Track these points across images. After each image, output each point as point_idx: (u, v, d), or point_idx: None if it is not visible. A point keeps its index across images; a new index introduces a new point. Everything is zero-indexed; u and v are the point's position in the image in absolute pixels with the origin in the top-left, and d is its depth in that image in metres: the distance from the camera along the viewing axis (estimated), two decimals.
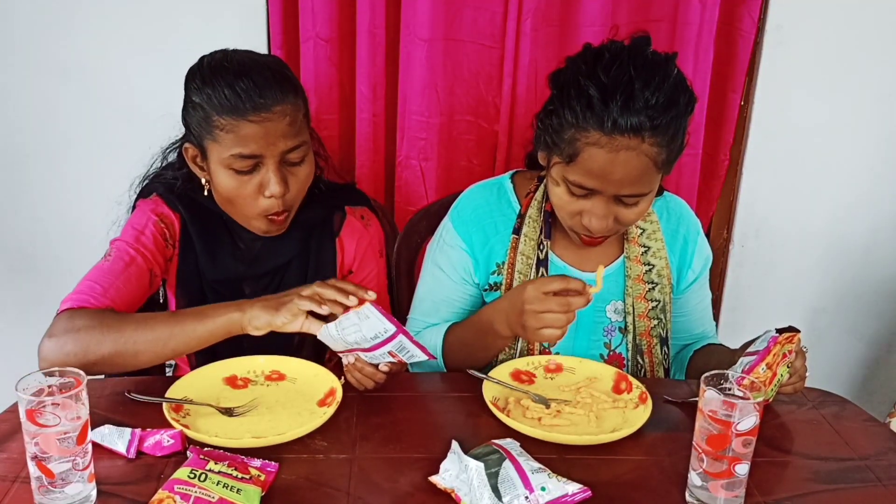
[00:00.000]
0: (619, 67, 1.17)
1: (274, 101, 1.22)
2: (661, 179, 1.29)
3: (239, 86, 1.21)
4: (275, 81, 1.23)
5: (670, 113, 1.17)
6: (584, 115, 1.19)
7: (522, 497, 0.95)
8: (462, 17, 1.79)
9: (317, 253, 1.41)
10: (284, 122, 1.23)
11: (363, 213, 1.49)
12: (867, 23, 1.89)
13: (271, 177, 1.25)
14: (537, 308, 1.18)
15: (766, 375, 1.15)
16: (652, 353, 1.43)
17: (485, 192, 1.46)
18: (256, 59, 1.28)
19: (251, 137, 1.22)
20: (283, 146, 1.24)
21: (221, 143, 1.24)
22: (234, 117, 1.21)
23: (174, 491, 0.93)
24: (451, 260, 1.43)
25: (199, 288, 1.38)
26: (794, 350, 1.19)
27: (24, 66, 1.86)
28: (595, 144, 1.19)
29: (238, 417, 1.16)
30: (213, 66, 1.25)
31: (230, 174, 1.25)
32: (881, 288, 2.14)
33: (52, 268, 1.98)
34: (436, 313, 1.45)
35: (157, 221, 1.34)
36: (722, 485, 0.98)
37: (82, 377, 0.94)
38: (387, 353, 1.14)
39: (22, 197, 1.98)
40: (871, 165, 2.02)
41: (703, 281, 1.51)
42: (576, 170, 1.23)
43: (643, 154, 1.19)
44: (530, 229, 1.40)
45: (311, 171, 1.32)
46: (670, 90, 1.18)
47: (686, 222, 1.47)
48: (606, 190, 1.23)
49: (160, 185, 1.38)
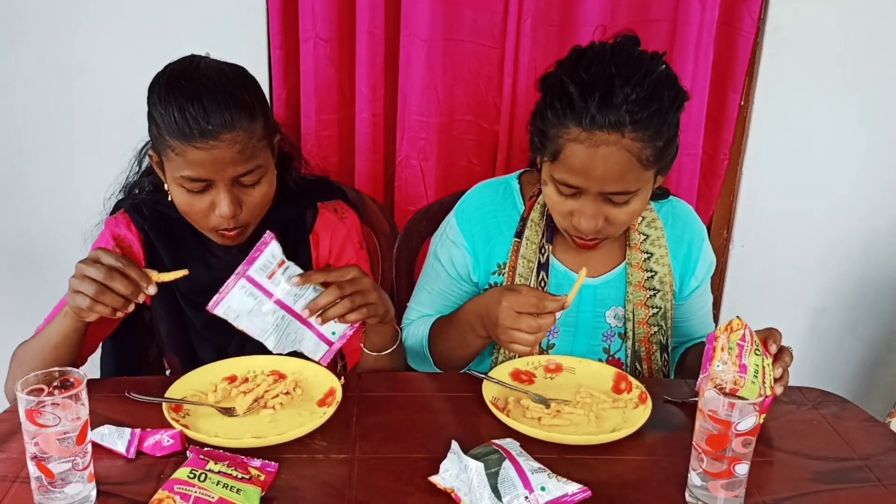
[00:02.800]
0: (600, 65, 1.19)
1: (223, 129, 1.18)
2: (656, 180, 1.28)
3: (189, 111, 1.18)
4: (226, 107, 1.19)
5: (651, 108, 1.17)
6: (565, 112, 1.20)
7: (522, 497, 0.95)
8: (462, 17, 1.79)
9: (292, 253, 1.40)
10: (234, 150, 1.20)
11: (336, 207, 1.47)
12: (867, 23, 1.89)
13: (222, 198, 1.23)
14: (509, 325, 1.21)
15: (731, 371, 1.09)
16: (651, 359, 1.42)
17: (491, 191, 1.45)
18: (214, 78, 1.22)
19: (198, 163, 1.20)
20: (232, 172, 1.22)
21: (172, 163, 1.22)
22: (182, 142, 1.19)
23: (174, 491, 0.93)
24: (450, 255, 1.43)
25: (173, 300, 1.37)
26: (764, 339, 1.16)
27: (24, 65, 1.86)
28: (575, 140, 1.20)
29: (238, 417, 1.16)
30: (169, 83, 1.22)
31: (183, 191, 1.25)
32: (881, 288, 2.14)
33: (51, 268, 1.98)
34: (431, 305, 1.46)
35: (114, 248, 1.33)
36: (722, 485, 0.98)
37: (82, 377, 0.94)
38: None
39: (22, 197, 1.98)
40: (871, 165, 2.02)
41: (705, 287, 1.50)
42: (559, 167, 1.23)
43: (624, 149, 1.18)
44: (532, 232, 1.40)
45: (268, 191, 1.30)
46: (652, 85, 1.18)
47: (691, 228, 1.46)
48: (590, 187, 1.22)
49: (127, 202, 1.38)
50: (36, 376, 0.94)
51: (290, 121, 1.88)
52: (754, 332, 1.16)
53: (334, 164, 1.90)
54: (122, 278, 1.15)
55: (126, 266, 1.16)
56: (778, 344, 1.18)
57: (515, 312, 1.20)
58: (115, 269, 1.15)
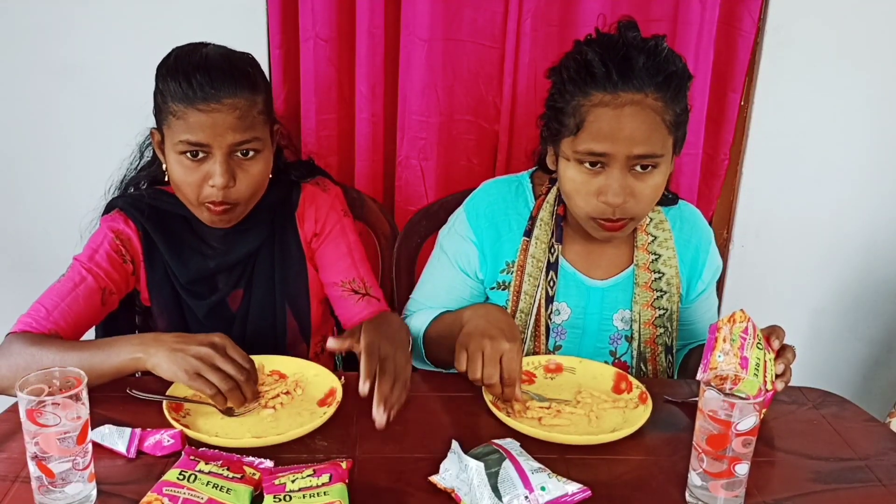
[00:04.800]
0: (611, 40, 1.24)
1: (225, 94, 1.23)
2: (672, 160, 1.29)
3: (195, 77, 1.23)
4: (231, 76, 1.25)
5: (668, 70, 1.22)
6: (586, 80, 1.23)
7: (522, 497, 0.95)
8: (462, 17, 1.79)
9: (281, 235, 1.43)
10: (233, 116, 1.24)
11: (318, 181, 1.50)
12: (867, 23, 1.89)
13: (217, 168, 1.25)
14: (486, 352, 1.15)
15: (732, 362, 1.09)
16: (656, 360, 1.42)
17: (502, 189, 1.45)
18: (224, 53, 1.29)
19: (198, 126, 1.24)
20: (231, 139, 1.25)
21: (173, 129, 1.26)
22: (184, 105, 1.23)
23: (162, 493, 0.93)
24: (457, 249, 1.43)
25: (172, 292, 1.39)
26: (767, 335, 1.16)
27: (23, 65, 1.86)
28: (600, 105, 1.22)
29: (238, 417, 1.16)
30: (178, 56, 1.28)
31: (180, 160, 1.27)
32: (881, 288, 2.14)
33: (51, 267, 1.96)
34: (434, 298, 1.45)
35: (112, 239, 1.35)
36: (722, 485, 0.98)
37: (82, 377, 0.94)
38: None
39: (21, 196, 1.98)
40: (871, 165, 2.02)
41: (711, 290, 1.50)
42: (584, 138, 1.23)
43: (648, 108, 1.21)
44: (541, 232, 1.39)
45: (264, 170, 1.32)
46: (664, 53, 1.23)
47: (699, 232, 1.46)
48: (618, 152, 1.22)
49: (121, 200, 1.40)
50: (36, 376, 0.94)
51: (290, 121, 1.88)
52: (757, 327, 1.16)
53: (334, 164, 1.90)
54: (252, 385, 1.16)
55: (253, 370, 1.17)
56: (781, 340, 1.17)
57: (499, 359, 1.14)
58: (248, 372, 1.15)
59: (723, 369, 1.04)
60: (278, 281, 1.42)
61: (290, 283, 1.43)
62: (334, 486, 0.96)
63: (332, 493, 0.95)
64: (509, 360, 1.15)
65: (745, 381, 1.01)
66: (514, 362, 1.15)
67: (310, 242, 1.45)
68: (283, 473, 0.99)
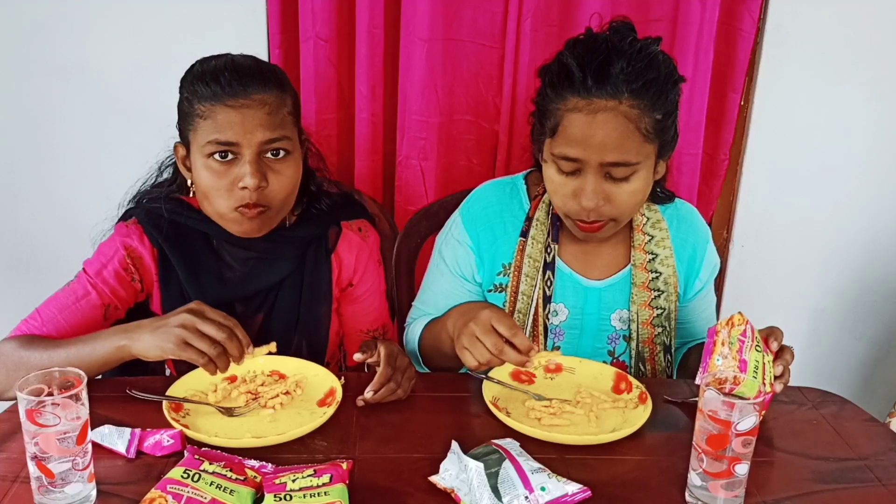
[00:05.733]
0: (596, 43, 1.23)
1: (253, 90, 1.22)
2: (657, 165, 1.28)
3: (223, 75, 1.23)
4: (259, 74, 1.24)
5: (647, 77, 1.20)
6: (563, 85, 1.23)
7: (522, 497, 0.95)
8: (462, 17, 1.79)
9: (312, 271, 1.40)
10: (263, 111, 1.23)
11: (360, 226, 1.47)
12: (867, 23, 1.89)
13: (247, 168, 1.23)
14: (476, 333, 1.17)
15: (731, 366, 1.09)
16: (654, 360, 1.42)
17: (497, 191, 1.45)
18: (250, 56, 1.29)
19: (227, 124, 1.21)
20: (260, 136, 1.22)
21: (199, 132, 1.24)
22: (213, 103, 1.22)
23: (166, 490, 0.93)
24: (454, 254, 1.43)
25: None
26: (765, 337, 1.16)
27: (24, 65, 1.86)
28: (573, 110, 1.21)
29: (238, 417, 1.16)
30: (203, 62, 1.28)
31: (208, 164, 1.24)
32: (881, 288, 2.14)
33: (51, 267, 1.97)
34: (433, 304, 1.45)
35: (123, 257, 1.32)
36: (722, 485, 0.98)
37: (82, 377, 0.94)
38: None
39: (21, 197, 1.98)
40: (871, 165, 2.02)
41: (709, 289, 1.50)
42: (559, 141, 1.24)
43: (621, 115, 1.20)
44: (538, 232, 1.39)
45: (295, 173, 1.29)
46: (647, 59, 1.21)
47: (696, 231, 1.46)
48: (590, 158, 1.22)
49: (142, 211, 1.35)
50: (36, 376, 0.94)
51: None
52: (755, 329, 1.16)
53: (334, 164, 1.90)
54: (237, 342, 1.14)
55: (235, 326, 1.16)
56: (779, 342, 1.17)
57: (490, 325, 1.17)
58: (230, 329, 1.14)
59: (722, 372, 1.04)
60: (303, 316, 1.41)
61: (314, 319, 1.42)
62: (335, 486, 0.96)
63: (332, 494, 0.95)
64: (498, 319, 1.17)
65: (744, 383, 1.01)
66: (503, 318, 1.17)
67: (343, 288, 1.45)
68: (284, 473, 0.99)
